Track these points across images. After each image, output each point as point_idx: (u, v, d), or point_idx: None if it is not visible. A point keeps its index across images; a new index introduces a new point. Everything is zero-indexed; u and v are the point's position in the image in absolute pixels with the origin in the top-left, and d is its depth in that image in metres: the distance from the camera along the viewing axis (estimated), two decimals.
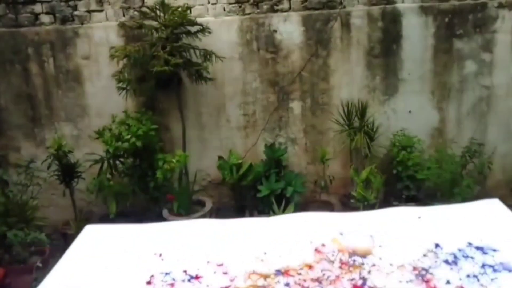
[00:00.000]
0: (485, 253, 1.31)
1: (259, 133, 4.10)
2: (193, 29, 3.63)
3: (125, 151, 3.47)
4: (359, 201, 3.50)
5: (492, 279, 1.20)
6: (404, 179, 3.84)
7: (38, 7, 3.83)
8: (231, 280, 1.20)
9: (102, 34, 3.84)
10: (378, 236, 1.40)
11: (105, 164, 3.60)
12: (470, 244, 1.35)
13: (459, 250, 1.32)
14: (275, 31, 3.90)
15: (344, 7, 3.90)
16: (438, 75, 4.04)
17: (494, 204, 1.44)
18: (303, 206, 4.01)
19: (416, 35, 3.95)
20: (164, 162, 3.46)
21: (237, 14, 3.88)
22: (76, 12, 3.84)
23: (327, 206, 4.04)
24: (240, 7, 3.88)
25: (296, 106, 4.07)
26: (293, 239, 1.42)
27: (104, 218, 3.80)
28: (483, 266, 1.26)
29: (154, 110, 3.90)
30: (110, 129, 3.53)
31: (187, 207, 3.70)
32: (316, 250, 1.32)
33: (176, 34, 3.56)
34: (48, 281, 1.19)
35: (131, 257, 1.32)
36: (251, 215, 3.87)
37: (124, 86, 3.56)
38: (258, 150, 4.08)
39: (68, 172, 3.61)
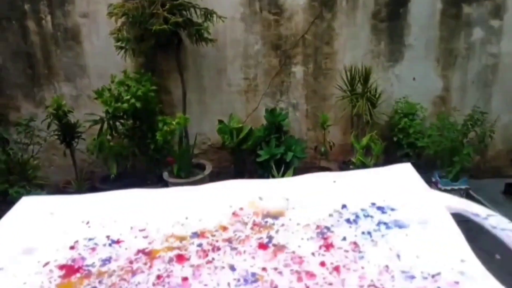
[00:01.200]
0: (384, 212, 1.38)
1: (260, 97, 4.06)
2: None
3: (125, 112, 3.44)
4: (358, 168, 3.50)
5: (383, 235, 1.26)
6: (405, 146, 3.83)
7: None
8: (149, 243, 1.24)
9: None
10: (293, 199, 1.46)
11: (105, 125, 3.59)
12: (373, 204, 1.42)
13: (362, 209, 1.40)
14: None
15: None
16: (445, 41, 3.94)
17: (405, 168, 1.49)
18: (303, 171, 4.02)
19: None
20: (164, 124, 3.44)
21: None
22: None
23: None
24: None
25: (298, 70, 4.00)
26: (214, 204, 1.48)
27: (105, 179, 3.84)
28: (378, 223, 1.33)
29: (153, 71, 3.84)
30: (110, 90, 3.49)
31: (187, 170, 3.72)
32: (234, 214, 1.37)
33: None
34: None
35: (59, 226, 1.36)
36: (251, 178, 3.89)
37: (123, 45, 3.48)
38: (259, 114, 4.05)
39: (68, 132, 3.60)
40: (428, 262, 1.11)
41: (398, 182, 1.57)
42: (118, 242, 1.26)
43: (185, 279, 1.07)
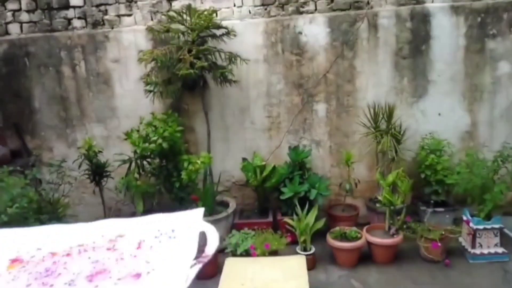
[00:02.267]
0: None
1: (283, 135, 4.10)
2: (219, 32, 3.68)
3: (152, 152, 3.54)
4: (385, 205, 3.43)
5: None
6: (433, 183, 3.74)
7: (71, 12, 3.98)
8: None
9: (131, 37, 3.94)
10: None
11: (133, 164, 3.70)
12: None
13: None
14: (300, 33, 3.89)
15: (372, 7, 3.84)
16: (470, 76, 3.91)
17: (195, 213, 1.21)
18: (328, 209, 3.98)
19: (447, 35, 3.84)
20: (189, 163, 3.51)
21: (263, 17, 3.90)
22: (106, 17, 3.97)
23: (352, 209, 3.99)
24: (265, 9, 3.89)
25: (320, 108, 4.04)
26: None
27: (132, 216, 3.89)
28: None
29: (180, 112, 3.97)
30: (138, 131, 3.61)
31: (211, 208, 3.74)
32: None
33: (202, 37, 3.61)
34: None
35: None
36: (275, 217, 3.88)
37: (152, 88, 3.64)
38: (282, 152, 4.07)
39: (98, 172, 3.72)
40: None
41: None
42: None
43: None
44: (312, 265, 3.32)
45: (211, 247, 0.77)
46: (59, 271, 0.82)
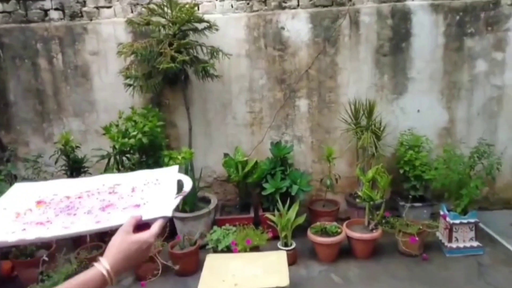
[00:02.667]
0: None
1: (266, 130, 4.09)
2: (201, 26, 3.63)
3: (132, 147, 3.48)
4: (365, 201, 3.47)
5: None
6: (411, 179, 3.80)
7: (47, 3, 3.86)
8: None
9: (110, 30, 3.85)
10: None
11: (112, 160, 3.62)
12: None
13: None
14: (282, 28, 3.88)
15: (353, 4, 3.86)
16: (448, 74, 3.98)
17: (172, 168, 1.36)
18: (309, 204, 4.01)
19: (426, 33, 3.89)
20: (170, 158, 3.47)
21: (245, 11, 3.87)
22: (85, 8, 3.86)
23: (333, 205, 4.03)
24: (247, 4, 3.86)
25: (302, 104, 4.05)
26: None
27: None
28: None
29: (160, 106, 3.91)
30: (117, 125, 3.54)
31: (192, 204, 3.71)
32: None
33: (183, 31, 3.56)
34: None
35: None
36: (256, 212, 3.88)
37: (131, 82, 3.57)
38: (264, 147, 4.07)
39: (75, 167, 3.64)
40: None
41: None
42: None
43: None
44: (293, 260, 3.34)
45: (187, 187, 1.12)
46: (77, 207, 1.08)
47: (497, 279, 3.03)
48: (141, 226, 0.97)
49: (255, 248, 3.27)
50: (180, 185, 1.14)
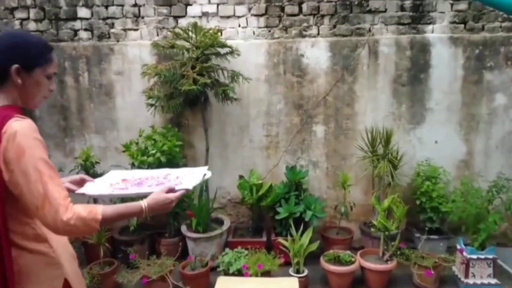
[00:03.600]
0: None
1: (281, 154, 4.12)
2: (223, 50, 3.74)
3: (149, 165, 3.54)
4: (379, 230, 3.43)
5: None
6: (428, 210, 3.75)
7: (78, 24, 4.04)
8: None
9: (136, 51, 4.00)
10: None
11: None
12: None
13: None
14: (302, 55, 3.97)
15: (373, 34, 3.93)
16: (467, 106, 3.98)
17: (202, 168, 1.98)
18: (322, 231, 3.97)
19: (445, 65, 3.93)
20: None
21: (266, 38, 3.97)
22: (112, 30, 4.03)
23: (347, 233, 3.98)
24: (269, 31, 3.97)
25: (319, 130, 4.08)
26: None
27: (124, 230, 3.88)
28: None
29: (180, 127, 3.99)
30: (137, 143, 3.62)
31: (205, 225, 3.72)
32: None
33: (206, 55, 3.67)
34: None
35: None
36: (269, 236, 3.86)
37: (153, 102, 3.67)
38: (279, 171, 4.09)
39: None
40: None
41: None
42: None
43: None
44: (304, 287, 3.29)
45: (207, 176, 1.78)
46: (143, 183, 1.72)
47: None
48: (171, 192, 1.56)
49: (267, 273, 3.24)
50: (204, 176, 1.79)
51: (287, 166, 4.04)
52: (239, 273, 3.21)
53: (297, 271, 3.36)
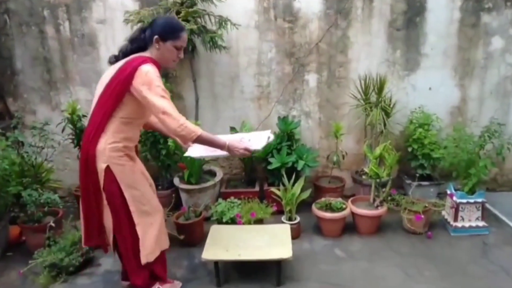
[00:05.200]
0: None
1: (273, 105, 4.05)
2: None
3: None
4: (371, 178, 3.45)
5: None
6: (419, 157, 3.76)
7: None
8: None
9: None
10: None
11: None
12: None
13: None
14: None
15: None
16: (463, 50, 3.87)
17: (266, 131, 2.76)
18: (315, 180, 3.99)
19: (442, 7, 3.77)
20: None
21: None
22: None
23: (339, 181, 4.01)
24: None
25: (311, 78, 3.98)
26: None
27: None
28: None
29: (167, 77, 3.86)
30: None
31: (198, 176, 3.71)
32: None
33: None
34: None
35: None
36: (261, 186, 3.88)
37: None
38: (271, 122, 4.03)
39: (81, 136, 3.63)
40: None
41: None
42: None
43: None
44: (297, 234, 3.36)
45: (271, 139, 2.40)
46: None
47: (501, 258, 3.01)
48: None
49: (259, 221, 3.28)
50: (269, 138, 2.41)
51: (279, 117, 3.98)
52: (233, 221, 3.25)
53: (289, 219, 3.40)
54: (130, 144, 2.31)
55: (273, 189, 3.56)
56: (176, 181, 3.76)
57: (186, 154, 2.58)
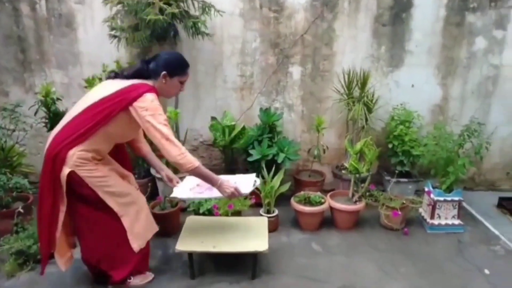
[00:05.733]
0: None
1: (256, 96, 3.98)
2: None
3: None
4: (351, 173, 3.43)
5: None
6: (399, 154, 3.76)
7: None
8: None
9: None
10: None
11: None
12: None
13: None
14: None
15: None
16: (446, 49, 3.88)
17: (251, 175, 2.85)
18: (295, 173, 3.96)
19: (428, 4, 3.76)
20: None
21: None
22: None
23: (319, 175, 3.98)
24: None
25: (295, 70, 3.92)
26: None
27: None
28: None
29: None
30: (100, 79, 3.39)
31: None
32: None
33: None
34: None
35: None
36: None
37: (117, 34, 3.39)
38: (253, 113, 3.97)
39: (56, 120, 3.48)
40: None
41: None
42: None
43: None
44: (274, 227, 3.32)
45: (257, 184, 2.58)
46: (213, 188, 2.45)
47: (475, 256, 3.04)
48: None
49: (237, 213, 3.23)
50: (255, 183, 2.56)
51: (261, 108, 3.92)
52: (210, 213, 3.19)
53: (268, 212, 3.36)
54: (98, 157, 2.35)
55: None
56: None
57: (172, 195, 2.62)
